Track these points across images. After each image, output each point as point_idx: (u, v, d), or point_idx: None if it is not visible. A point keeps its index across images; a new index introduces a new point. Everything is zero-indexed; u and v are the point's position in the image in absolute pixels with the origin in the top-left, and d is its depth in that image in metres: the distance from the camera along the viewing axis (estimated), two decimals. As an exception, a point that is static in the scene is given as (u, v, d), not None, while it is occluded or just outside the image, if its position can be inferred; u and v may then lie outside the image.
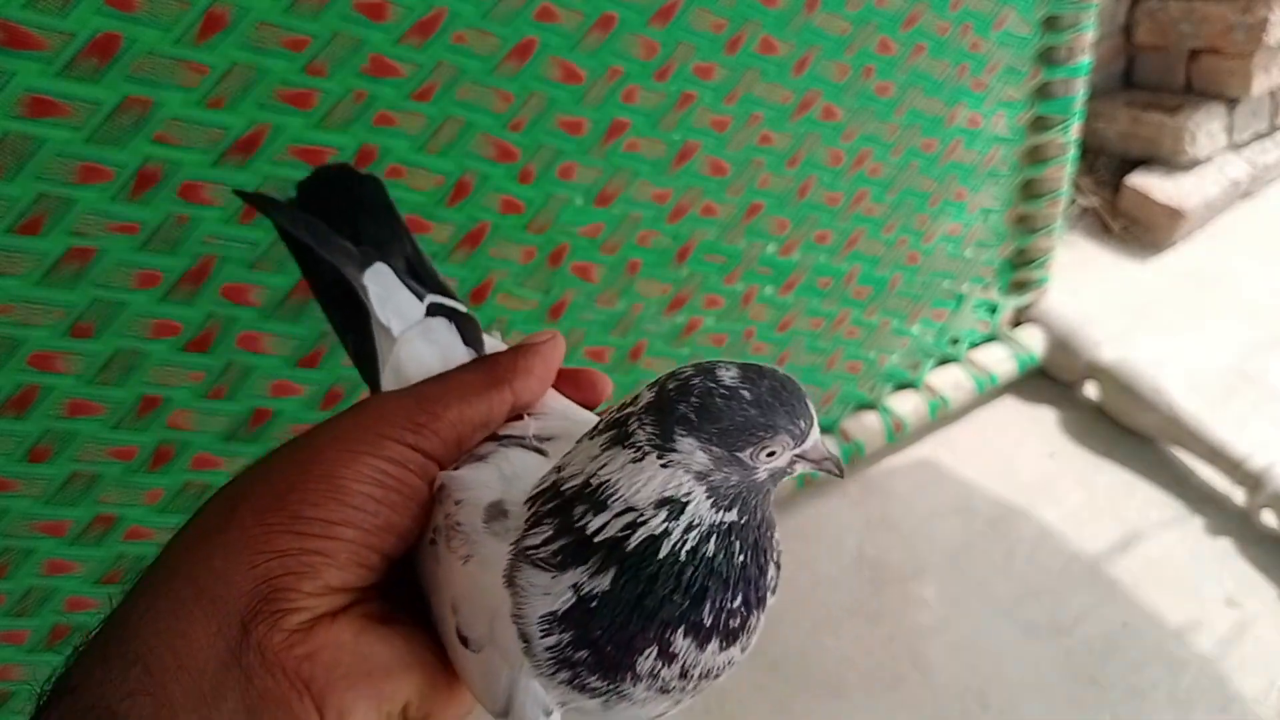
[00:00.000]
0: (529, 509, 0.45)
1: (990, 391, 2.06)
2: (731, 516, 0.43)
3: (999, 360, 2.05)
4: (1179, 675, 1.61)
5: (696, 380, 0.44)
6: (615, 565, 0.42)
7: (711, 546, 0.43)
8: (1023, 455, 2.00)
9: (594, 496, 0.42)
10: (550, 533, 0.43)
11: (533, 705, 0.44)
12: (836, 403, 1.88)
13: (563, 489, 0.44)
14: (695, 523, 0.42)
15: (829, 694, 1.63)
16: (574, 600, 0.42)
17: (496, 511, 0.46)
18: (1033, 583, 1.77)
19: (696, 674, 0.43)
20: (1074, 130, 1.85)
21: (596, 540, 0.42)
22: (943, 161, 1.72)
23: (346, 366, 1.24)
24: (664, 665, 0.42)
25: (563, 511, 0.43)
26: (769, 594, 0.46)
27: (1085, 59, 1.77)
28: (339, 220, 0.61)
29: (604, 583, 0.42)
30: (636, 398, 0.45)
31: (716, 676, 0.45)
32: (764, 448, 0.43)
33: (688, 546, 0.42)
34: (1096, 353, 2.04)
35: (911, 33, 1.54)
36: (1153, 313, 2.26)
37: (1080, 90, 1.81)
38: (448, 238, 1.25)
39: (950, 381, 1.99)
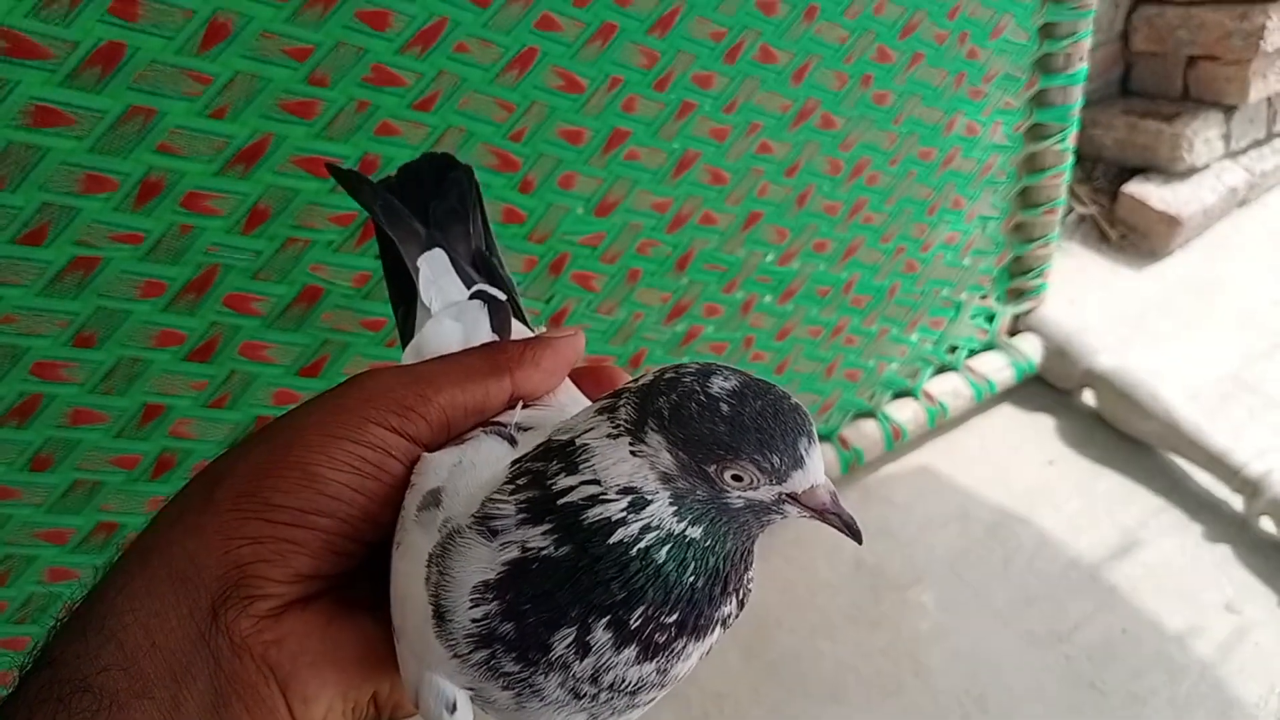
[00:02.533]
0: (513, 466, 0.44)
1: (988, 399, 2.07)
2: (694, 533, 0.42)
3: (997, 368, 2.05)
4: (1178, 681, 1.62)
5: (688, 380, 0.43)
6: (565, 532, 0.41)
7: (663, 554, 0.41)
8: (1021, 462, 2.01)
9: (570, 456, 0.42)
10: (524, 483, 0.42)
11: (436, 699, 0.43)
12: (835, 410, 1.88)
13: (551, 444, 0.43)
14: (654, 525, 0.41)
15: (828, 700, 1.63)
16: (516, 558, 0.41)
17: (430, 500, 0.45)
18: (1032, 589, 1.77)
19: (608, 681, 0.42)
20: (1071, 138, 1.86)
21: (560, 502, 0.41)
22: (941, 170, 1.72)
23: (347, 375, 1.24)
24: (578, 657, 0.41)
25: (543, 463, 0.43)
26: (715, 627, 0.44)
27: (1082, 66, 1.78)
28: (420, 203, 0.64)
29: (550, 546, 0.41)
30: (641, 376, 0.44)
31: (630, 694, 0.43)
32: (726, 469, 0.42)
33: (640, 545, 0.41)
34: (1094, 360, 2.04)
35: (909, 41, 1.54)
36: (1150, 320, 2.27)
37: (1078, 98, 1.82)
38: (449, 246, 1.25)
39: (948, 389, 1.99)
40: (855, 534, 0.45)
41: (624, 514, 0.41)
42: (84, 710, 0.40)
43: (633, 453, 0.41)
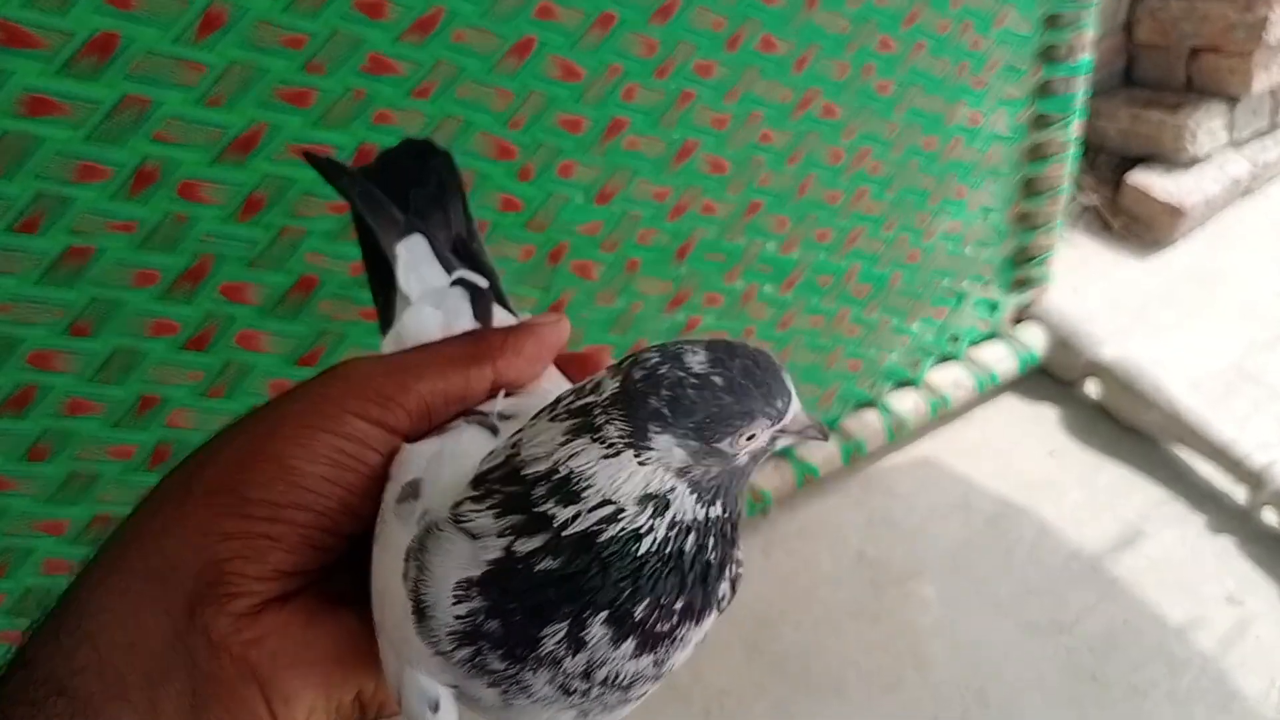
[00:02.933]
0: (473, 488, 0.41)
1: (990, 390, 2.06)
2: (716, 510, 0.42)
3: (999, 358, 2.05)
4: (1179, 674, 1.61)
5: (664, 369, 0.41)
6: (574, 551, 0.39)
7: (689, 542, 0.40)
8: (1023, 453, 2.00)
9: (563, 487, 0.39)
10: (499, 509, 0.40)
11: (418, 698, 0.42)
12: (837, 401, 1.88)
13: (523, 473, 0.40)
14: (679, 518, 0.40)
15: (830, 693, 1.63)
16: (501, 558, 0.39)
17: (409, 491, 0.44)
18: (1033, 581, 1.77)
19: (601, 676, 0.40)
20: (1074, 128, 1.85)
21: (565, 533, 0.39)
22: (943, 159, 1.72)
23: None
24: (569, 652, 0.39)
25: (519, 493, 0.40)
26: (712, 610, 0.43)
27: (1086, 57, 1.77)
28: (399, 190, 0.62)
29: (547, 558, 0.39)
30: (598, 384, 0.42)
31: (624, 689, 0.41)
32: (742, 434, 0.41)
33: (671, 547, 0.40)
34: (1097, 351, 2.04)
35: (911, 30, 1.54)
36: (1153, 311, 2.26)
37: (1081, 88, 1.81)
38: (447, 236, 1.25)
39: (950, 380, 1.99)
40: (825, 435, 0.46)
41: (649, 522, 0.40)
42: (59, 714, 0.39)
43: (641, 463, 0.40)
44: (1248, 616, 1.69)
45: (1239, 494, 1.85)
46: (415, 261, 0.59)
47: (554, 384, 0.53)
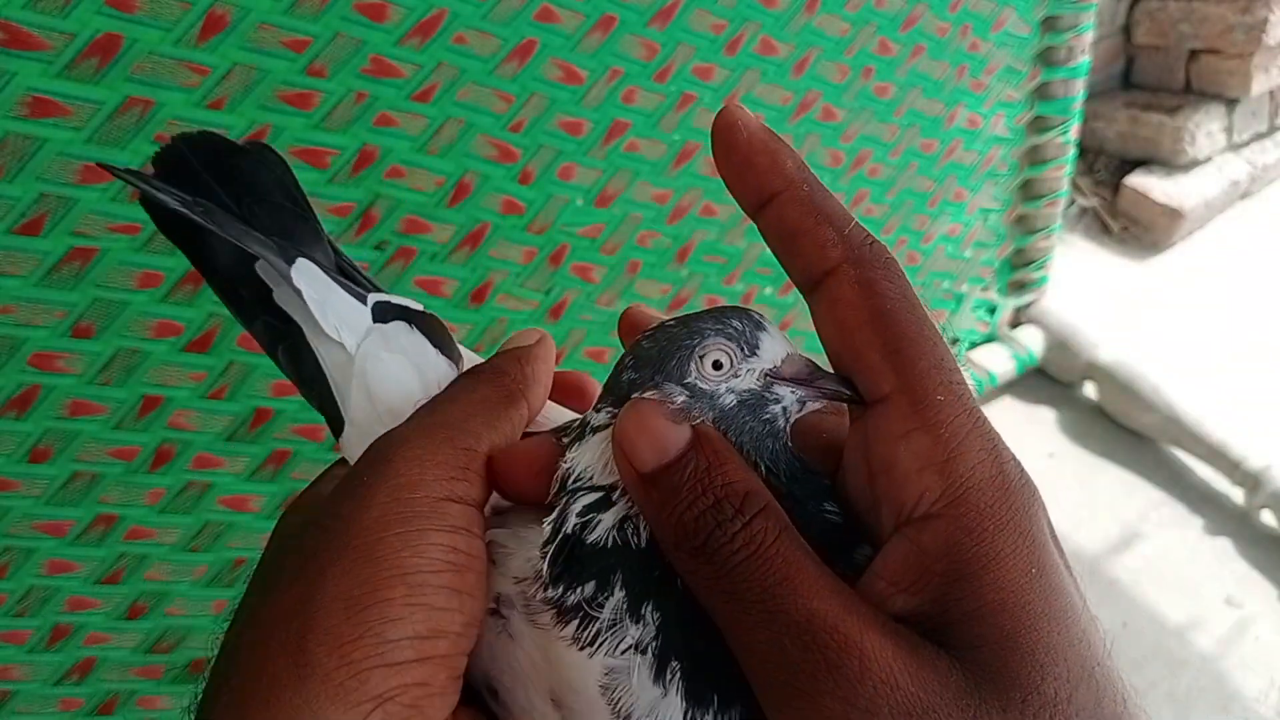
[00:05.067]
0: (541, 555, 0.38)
1: (989, 392, 2.06)
2: None
3: (998, 360, 2.05)
4: (1178, 675, 1.62)
5: (630, 346, 0.41)
6: (614, 573, 0.36)
7: None
8: (1021, 455, 1.95)
9: (571, 489, 0.38)
10: (560, 570, 0.37)
11: None
12: (836, 403, 1.87)
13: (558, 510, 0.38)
14: None
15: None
16: (605, 671, 0.35)
17: None
18: (1032, 582, 1.77)
19: None
20: (1073, 131, 1.85)
21: (589, 544, 0.37)
22: (942, 162, 1.72)
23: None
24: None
25: (562, 539, 0.37)
26: None
27: (1084, 59, 1.78)
28: (223, 202, 0.49)
29: (634, 628, 0.35)
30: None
31: None
32: (700, 356, 0.38)
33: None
34: (1095, 353, 2.04)
35: (911, 33, 1.54)
36: (1152, 313, 2.27)
37: (1079, 91, 1.81)
38: (448, 238, 1.25)
39: (949, 381, 1.98)
40: (855, 395, 0.39)
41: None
42: None
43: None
44: (1247, 618, 1.69)
45: (1237, 496, 1.85)
46: (321, 295, 0.47)
47: (554, 409, 0.49)
